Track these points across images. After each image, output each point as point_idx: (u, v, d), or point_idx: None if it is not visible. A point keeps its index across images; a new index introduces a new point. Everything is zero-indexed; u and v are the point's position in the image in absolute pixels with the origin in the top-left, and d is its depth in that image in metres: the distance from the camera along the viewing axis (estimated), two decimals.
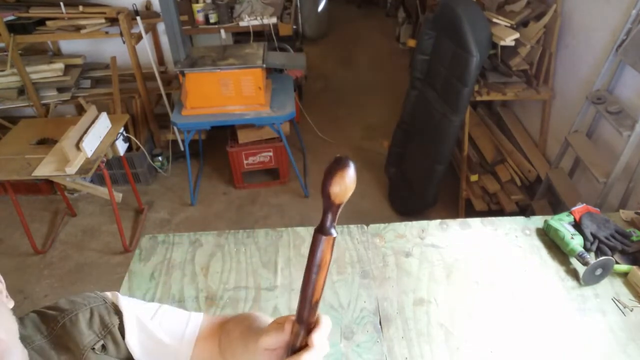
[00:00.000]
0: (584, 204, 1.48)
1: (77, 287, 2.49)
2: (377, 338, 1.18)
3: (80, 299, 0.73)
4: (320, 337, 0.53)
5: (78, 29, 2.81)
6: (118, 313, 0.74)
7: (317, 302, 0.51)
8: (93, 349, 0.69)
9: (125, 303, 0.76)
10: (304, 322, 0.52)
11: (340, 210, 0.47)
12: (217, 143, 3.44)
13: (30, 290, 2.48)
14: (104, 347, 0.70)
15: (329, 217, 0.48)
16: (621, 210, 1.53)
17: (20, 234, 2.69)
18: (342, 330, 1.21)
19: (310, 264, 0.50)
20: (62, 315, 0.70)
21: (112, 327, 0.72)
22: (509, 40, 2.36)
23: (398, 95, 3.21)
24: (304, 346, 0.53)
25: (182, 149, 3.36)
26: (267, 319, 0.72)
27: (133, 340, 0.73)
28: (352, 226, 1.51)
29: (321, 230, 0.49)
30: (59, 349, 0.68)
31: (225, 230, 1.52)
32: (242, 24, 3.20)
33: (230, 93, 2.69)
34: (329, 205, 0.47)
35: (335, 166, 0.45)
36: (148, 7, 3.10)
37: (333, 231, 0.49)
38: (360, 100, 4.21)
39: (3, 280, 0.68)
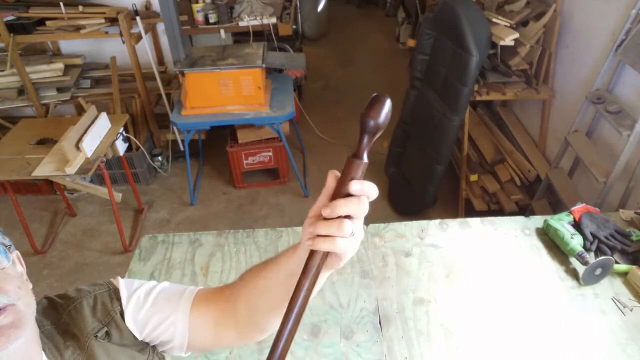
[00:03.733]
0: (584, 204, 1.48)
1: (76, 287, 2.48)
2: (377, 338, 1.19)
3: (87, 287, 0.76)
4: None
5: (78, 29, 2.81)
6: (120, 299, 0.75)
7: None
8: (96, 336, 0.71)
9: (124, 286, 0.77)
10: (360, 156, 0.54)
11: (373, 140, 0.52)
12: (217, 143, 3.44)
13: None
14: (108, 334, 0.72)
15: (365, 144, 0.53)
16: (621, 210, 1.53)
17: (20, 234, 2.69)
18: (342, 330, 1.21)
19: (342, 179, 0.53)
20: (69, 304, 0.72)
21: (115, 315, 0.73)
22: (508, 40, 2.36)
23: (398, 95, 3.21)
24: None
25: (182, 149, 3.36)
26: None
27: (131, 322, 0.74)
28: None
29: (357, 156, 0.53)
30: (66, 335, 0.70)
31: (225, 230, 1.52)
32: (242, 24, 3.20)
33: (230, 93, 2.69)
34: (365, 132, 0.52)
35: (376, 99, 0.50)
36: (148, 7, 3.10)
37: (366, 158, 0.53)
38: (360, 100, 4.20)
39: (25, 265, 0.71)
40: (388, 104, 0.51)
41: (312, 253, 0.54)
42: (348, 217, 0.53)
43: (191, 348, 0.78)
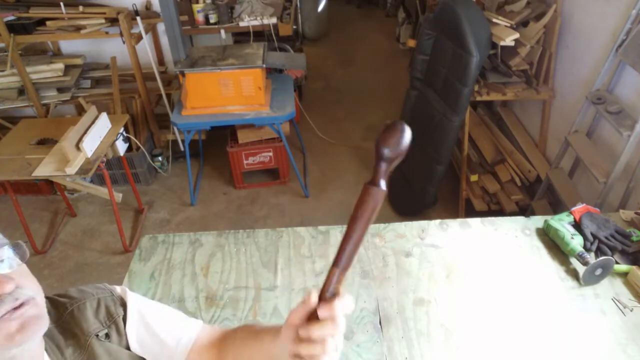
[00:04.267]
0: (584, 204, 1.48)
1: (78, 287, 2.48)
2: (377, 338, 1.19)
3: (89, 289, 0.77)
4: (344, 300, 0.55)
5: (78, 29, 2.81)
6: (124, 305, 0.77)
7: (355, 252, 0.53)
8: (97, 336, 0.72)
9: (132, 297, 0.79)
10: (341, 267, 0.53)
11: (391, 168, 0.50)
12: (217, 143, 3.44)
13: None
14: (107, 335, 0.73)
15: (382, 172, 0.51)
16: (621, 210, 1.53)
17: (20, 234, 2.69)
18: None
19: (357, 213, 0.51)
20: (71, 303, 0.74)
21: (117, 318, 0.75)
22: (508, 40, 2.36)
23: (398, 95, 3.21)
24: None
25: (182, 149, 3.36)
26: (266, 325, 0.74)
27: (132, 332, 0.76)
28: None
29: (373, 183, 0.51)
30: (66, 334, 0.71)
31: (225, 230, 1.52)
32: (242, 24, 3.20)
33: (230, 93, 2.69)
34: (381, 160, 0.50)
35: (392, 127, 0.49)
36: (148, 7, 3.10)
37: (383, 185, 0.51)
38: (360, 100, 4.21)
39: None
40: (407, 132, 0.49)
41: None
42: None
43: None
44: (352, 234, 0.51)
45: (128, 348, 0.76)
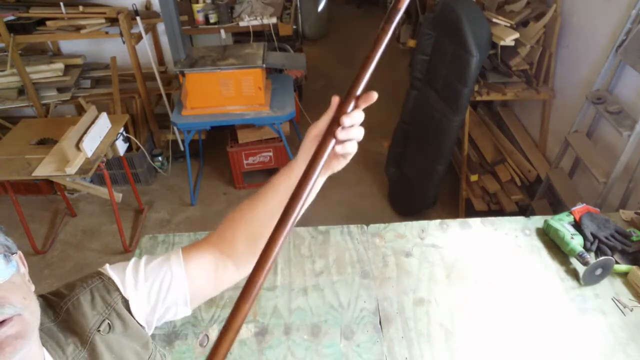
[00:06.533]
0: (584, 204, 1.48)
1: (66, 283, 2.48)
2: (377, 338, 1.19)
3: (78, 282, 0.75)
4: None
5: (78, 29, 2.81)
6: (117, 288, 0.75)
7: (364, 77, 0.69)
8: (99, 330, 0.71)
9: (114, 272, 0.77)
10: (353, 96, 0.67)
11: (398, 14, 0.64)
12: (217, 143, 3.44)
13: None
14: (110, 325, 0.72)
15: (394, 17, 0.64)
16: (621, 210, 1.53)
17: (20, 234, 2.69)
18: (342, 330, 1.21)
19: (375, 45, 0.67)
20: (65, 301, 0.72)
21: (115, 305, 0.74)
22: (508, 40, 2.36)
23: (398, 95, 3.21)
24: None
25: (182, 149, 3.36)
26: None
27: (135, 303, 0.75)
28: (352, 226, 1.51)
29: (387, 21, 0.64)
30: (66, 332, 0.70)
31: None
32: (242, 24, 3.20)
33: (230, 93, 2.69)
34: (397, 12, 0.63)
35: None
36: (148, 7, 3.10)
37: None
38: None
39: (26, 265, 0.70)
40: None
41: (318, 152, 0.61)
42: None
43: (195, 300, 0.79)
44: (365, 67, 0.68)
45: (136, 330, 0.75)
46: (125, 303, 0.74)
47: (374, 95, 0.68)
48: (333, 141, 0.62)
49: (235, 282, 0.81)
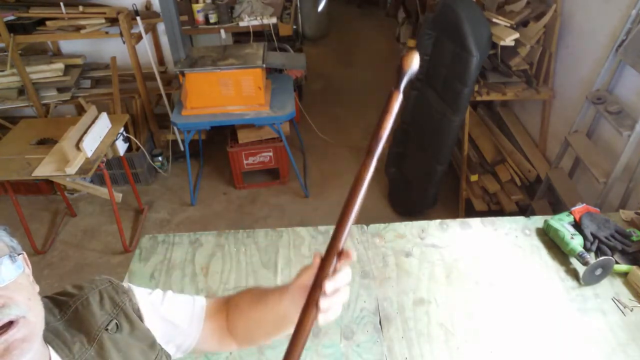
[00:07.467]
0: (584, 204, 1.48)
1: (74, 284, 2.49)
2: (377, 338, 1.19)
3: (87, 284, 0.77)
4: (346, 266, 0.65)
5: (78, 29, 2.81)
6: (126, 292, 0.78)
7: (345, 229, 0.66)
8: (107, 329, 0.72)
9: (138, 291, 0.80)
10: (335, 252, 0.63)
11: (406, 77, 0.62)
12: (217, 143, 3.44)
13: None
14: (117, 325, 0.74)
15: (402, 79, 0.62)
16: (621, 210, 1.53)
17: (20, 234, 2.69)
18: (342, 330, 1.21)
19: (354, 188, 0.65)
20: (74, 300, 0.73)
21: (123, 305, 0.75)
22: (509, 40, 2.36)
23: None
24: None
25: (182, 149, 3.36)
26: (268, 286, 0.80)
27: (151, 325, 0.79)
28: (352, 226, 1.51)
29: (396, 88, 0.62)
30: (72, 331, 0.71)
31: (225, 230, 1.52)
32: (242, 24, 3.20)
33: (230, 93, 2.69)
34: (404, 75, 0.61)
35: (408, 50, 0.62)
36: (148, 7, 3.10)
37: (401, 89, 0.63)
38: (360, 100, 4.20)
39: (30, 266, 0.70)
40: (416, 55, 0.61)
41: (304, 314, 0.61)
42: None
43: (194, 351, 0.85)
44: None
45: (144, 334, 0.77)
46: (134, 307, 0.77)
47: (353, 256, 0.66)
48: (314, 311, 0.61)
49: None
